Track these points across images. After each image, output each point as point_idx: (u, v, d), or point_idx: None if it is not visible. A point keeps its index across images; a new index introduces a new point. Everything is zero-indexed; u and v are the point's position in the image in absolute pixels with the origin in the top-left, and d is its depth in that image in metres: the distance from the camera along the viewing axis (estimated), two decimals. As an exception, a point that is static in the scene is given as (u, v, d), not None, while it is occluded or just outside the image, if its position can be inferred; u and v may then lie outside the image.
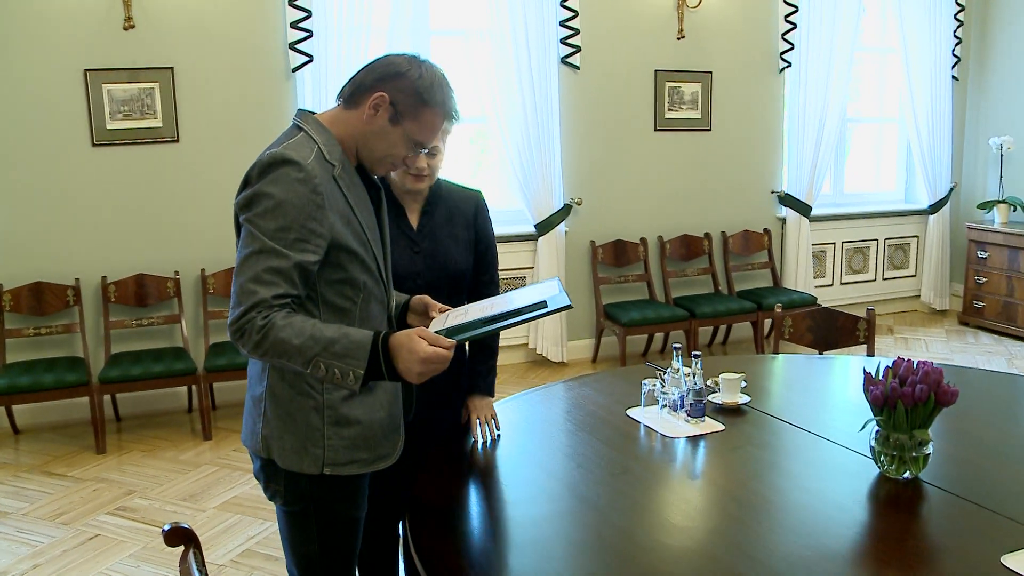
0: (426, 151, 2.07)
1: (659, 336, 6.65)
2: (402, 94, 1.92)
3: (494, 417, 2.64)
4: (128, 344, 5.35)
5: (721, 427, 2.62)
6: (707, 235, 6.78)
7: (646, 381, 2.81)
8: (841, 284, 7.54)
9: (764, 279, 7.03)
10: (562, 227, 6.34)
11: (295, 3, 5.39)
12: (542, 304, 1.93)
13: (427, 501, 2.17)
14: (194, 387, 5.27)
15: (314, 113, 1.99)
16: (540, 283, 2.22)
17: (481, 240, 2.69)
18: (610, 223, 6.53)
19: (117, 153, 5.26)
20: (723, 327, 6.83)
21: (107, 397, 5.24)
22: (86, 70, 5.12)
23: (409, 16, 5.73)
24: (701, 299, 6.43)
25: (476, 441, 2.58)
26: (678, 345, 2.78)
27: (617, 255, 6.49)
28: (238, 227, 1.86)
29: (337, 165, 1.92)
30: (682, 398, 2.71)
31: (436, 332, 1.93)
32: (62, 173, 5.18)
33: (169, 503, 4.18)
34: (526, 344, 6.36)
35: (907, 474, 2.17)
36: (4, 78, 5.02)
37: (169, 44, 5.25)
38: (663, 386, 2.76)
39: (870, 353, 3.88)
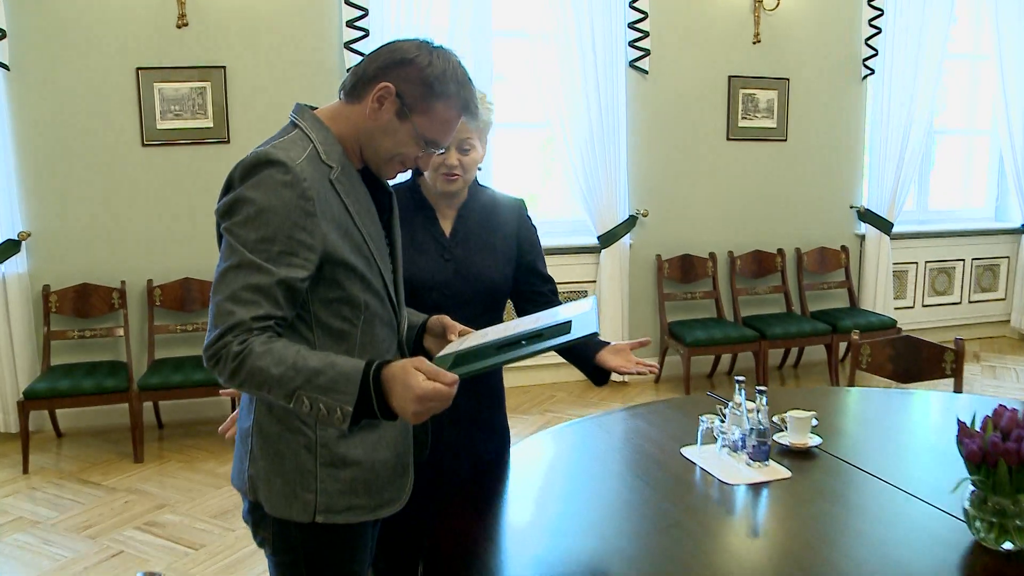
0: (440, 151, 1.81)
1: (726, 357, 6.30)
2: (410, 84, 1.68)
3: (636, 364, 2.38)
4: (173, 349, 5.21)
5: (787, 473, 2.30)
6: (780, 251, 6.42)
7: (704, 417, 2.50)
8: (923, 306, 7.10)
9: (840, 299, 6.63)
10: (627, 239, 6.06)
11: (351, 1, 5.21)
12: (566, 327, 1.66)
13: (444, 551, 1.91)
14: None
15: (314, 108, 1.75)
16: (574, 302, 1.95)
17: (527, 252, 2.44)
18: (678, 236, 6.23)
19: (167, 153, 5.14)
20: (795, 349, 6.46)
21: (150, 403, 5.11)
22: (138, 68, 5.01)
23: (470, 16, 5.52)
24: (772, 319, 6.07)
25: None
26: (741, 378, 2.47)
27: (684, 270, 6.18)
28: (221, 237, 1.62)
29: (335, 167, 1.68)
30: (744, 438, 2.39)
31: (443, 355, 1.68)
32: (111, 173, 5.08)
33: (199, 520, 3.99)
34: (585, 361, 6.06)
35: (1008, 545, 1.83)
36: (56, 77, 4.94)
37: (222, 42, 5.12)
38: (723, 423, 2.46)
39: (958, 389, 3.51)
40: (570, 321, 1.70)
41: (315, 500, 1.69)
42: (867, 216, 6.67)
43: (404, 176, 2.09)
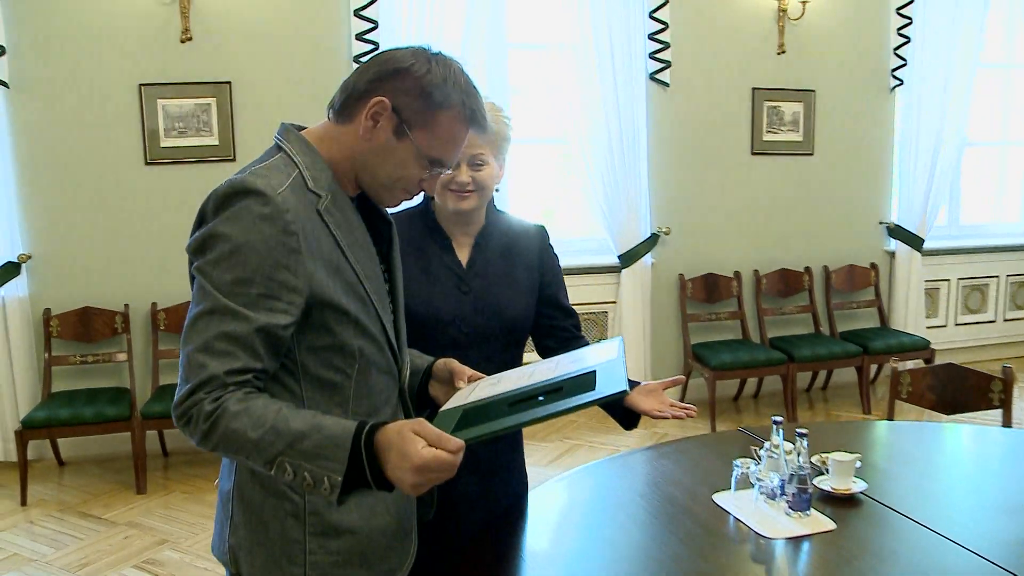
0: (447, 170, 1.61)
1: (752, 380, 6.06)
2: (407, 97, 1.47)
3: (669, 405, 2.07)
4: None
5: (831, 525, 2.07)
6: (807, 270, 6.19)
7: (738, 462, 2.27)
8: (956, 325, 6.83)
9: (870, 319, 6.39)
10: (648, 258, 5.84)
11: (361, 14, 5.04)
12: (588, 379, 1.45)
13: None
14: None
15: (303, 128, 1.56)
16: (599, 344, 1.74)
17: (550, 284, 2.25)
18: (701, 255, 6.01)
19: (171, 172, 4.97)
20: (823, 371, 6.22)
21: (154, 431, 4.93)
22: (141, 85, 4.85)
23: (484, 28, 5.34)
24: (800, 340, 5.84)
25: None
26: (778, 418, 2.24)
27: (708, 290, 5.95)
28: (193, 278, 1.43)
29: (324, 196, 1.48)
30: (783, 484, 2.17)
31: (449, 409, 1.48)
32: (113, 193, 4.92)
33: (200, 557, 3.79)
34: (605, 384, 5.85)
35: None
36: (57, 94, 4.80)
37: (227, 57, 4.96)
38: (759, 466, 2.24)
39: (1007, 422, 3.26)
40: (594, 371, 1.49)
41: (304, 574, 1.48)
42: (897, 232, 6.43)
43: (416, 199, 1.89)
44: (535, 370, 1.64)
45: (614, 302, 5.86)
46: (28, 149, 4.80)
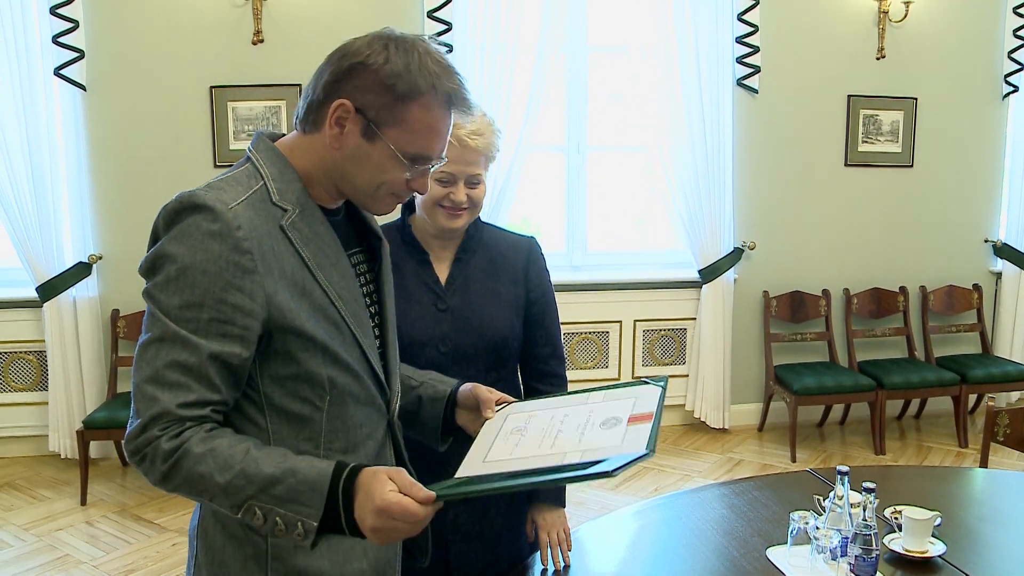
0: (435, 164, 1.44)
1: (838, 406, 5.71)
2: (370, 94, 1.34)
3: (567, 535, 2.04)
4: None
5: (900, 597, 1.84)
6: (903, 289, 5.82)
7: (796, 515, 2.04)
8: (1070, 354, 6.35)
9: (971, 344, 5.96)
10: (731, 274, 5.56)
11: (435, 16, 4.91)
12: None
13: None
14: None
15: (280, 136, 1.44)
16: (642, 387, 1.56)
17: (536, 302, 2.10)
18: (787, 272, 5.70)
19: (239, 175, 4.94)
20: (916, 399, 5.84)
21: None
22: (212, 87, 4.84)
23: (562, 30, 5.16)
24: (891, 365, 5.47)
25: (545, 570, 1.98)
26: (844, 468, 2.01)
27: (794, 309, 5.64)
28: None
29: (290, 209, 1.35)
30: (845, 543, 1.93)
31: (456, 479, 1.35)
32: (181, 196, 4.90)
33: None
34: (683, 405, 5.61)
35: None
36: (131, 96, 4.85)
37: (298, 59, 4.88)
38: (819, 523, 2.00)
39: (1122, 474, 2.92)
40: (619, 417, 1.33)
41: None
42: (1004, 251, 6.01)
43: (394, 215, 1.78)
44: (566, 415, 1.51)
45: (693, 319, 5.61)
46: (101, 150, 4.84)
